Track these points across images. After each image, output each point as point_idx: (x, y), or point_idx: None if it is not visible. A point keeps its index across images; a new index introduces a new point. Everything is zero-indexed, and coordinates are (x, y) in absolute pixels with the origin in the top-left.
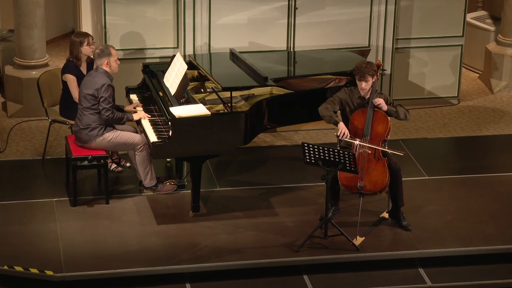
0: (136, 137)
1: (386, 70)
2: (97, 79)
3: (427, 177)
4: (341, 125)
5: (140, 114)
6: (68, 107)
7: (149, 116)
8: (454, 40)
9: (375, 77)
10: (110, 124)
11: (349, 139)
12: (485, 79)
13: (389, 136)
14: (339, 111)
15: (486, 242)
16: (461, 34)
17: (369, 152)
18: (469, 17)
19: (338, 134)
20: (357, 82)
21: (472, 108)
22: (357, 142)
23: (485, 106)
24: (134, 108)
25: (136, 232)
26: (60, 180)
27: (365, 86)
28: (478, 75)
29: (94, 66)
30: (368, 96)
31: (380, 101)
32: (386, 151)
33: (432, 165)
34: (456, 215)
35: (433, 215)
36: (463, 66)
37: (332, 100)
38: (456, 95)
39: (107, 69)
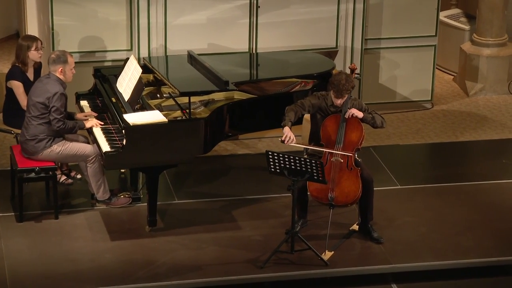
0: (87, 148)
1: (360, 74)
2: (49, 86)
3: (399, 187)
4: (286, 129)
5: (92, 121)
6: (13, 115)
7: (102, 123)
8: (427, 40)
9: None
10: (59, 134)
11: (294, 143)
12: (460, 82)
13: (362, 144)
14: (310, 116)
15: (463, 255)
16: (434, 34)
17: (342, 161)
18: (442, 15)
19: (283, 139)
20: (332, 96)
21: (447, 112)
22: (301, 145)
23: (461, 110)
24: (86, 116)
25: (88, 249)
26: (5, 194)
27: (340, 102)
28: (452, 77)
29: (44, 71)
30: (341, 104)
31: (352, 113)
32: (360, 160)
33: (405, 174)
34: (430, 227)
35: (406, 227)
36: (436, 68)
37: (302, 102)
38: (430, 98)
39: (60, 76)
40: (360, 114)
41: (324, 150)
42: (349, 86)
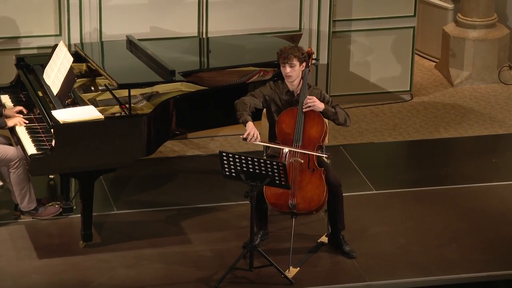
0: (9, 151)
1: (319, 59)
2: None
3: (374, 191)
4: (250, 124)
5: (15, 119)
6: None
7: (27, 122)
8: (405, 21)
9: (304, 64)
10: None
11: (259, 142)
12: (443, 69)
13: (325, 141)
14: (265, 111)
15: (448, 270)
16: (412, 14)
17: (302, 161)
18: None
19: (245, 136)
20: (281, 68)
21: (428, 104)
22: (278, 146)
23: (444, 102)
24: (17, 112)
25: (11, 269)
26: None
27: (290, 71)
28: (434, 63)
29: None
30: (297, 92)
31: (311, 102)
32: (323, 160)
33: (380, 176)
34: (410, 238)
35: (382, 238)
36: (415, 53)
37: (253, 94)
38: (408, 89)
39: None
40: (320, 106)
41: (305, 151)
42: (297, 51)
